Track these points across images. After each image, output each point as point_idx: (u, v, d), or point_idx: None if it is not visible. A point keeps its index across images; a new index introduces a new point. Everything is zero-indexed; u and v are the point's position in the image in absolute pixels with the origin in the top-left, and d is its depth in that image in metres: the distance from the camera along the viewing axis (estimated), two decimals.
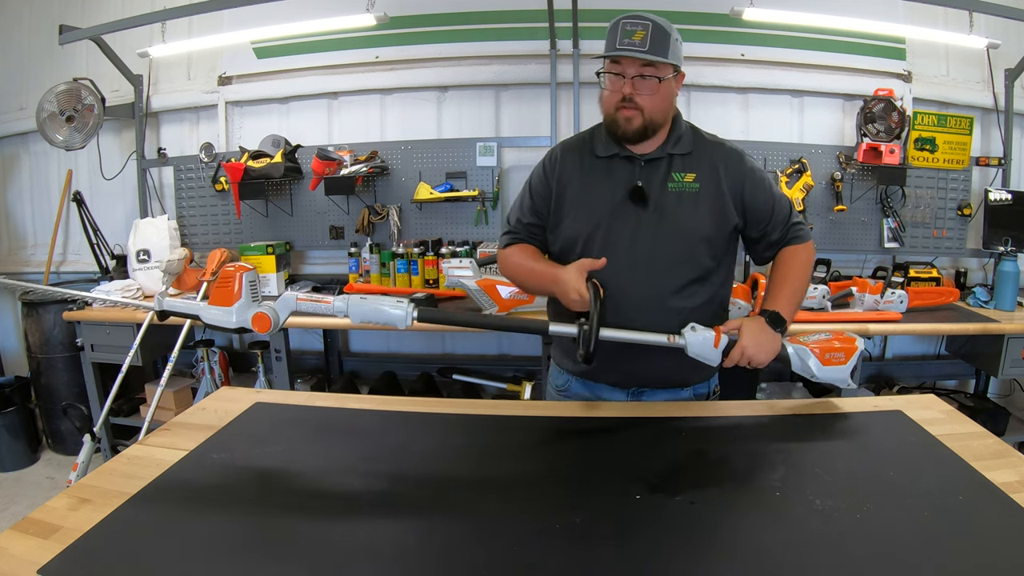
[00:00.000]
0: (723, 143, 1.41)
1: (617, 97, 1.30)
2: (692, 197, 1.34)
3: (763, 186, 1.39)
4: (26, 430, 3.12)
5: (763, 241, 1.43)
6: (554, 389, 1.58)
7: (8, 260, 3.65)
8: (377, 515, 1.01)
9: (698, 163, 1.36)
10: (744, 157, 1.40)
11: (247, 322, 1.20)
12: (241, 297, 1.19)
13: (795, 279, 1.39)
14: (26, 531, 0.94)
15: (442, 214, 3.14)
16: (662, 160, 1.36)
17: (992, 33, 2.69)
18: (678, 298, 1.35)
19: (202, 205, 3.29)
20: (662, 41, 1.25)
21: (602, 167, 1.38)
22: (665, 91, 1.30)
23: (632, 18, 1.26)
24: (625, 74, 1.28)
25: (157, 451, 1.22)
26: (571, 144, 1.45)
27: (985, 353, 2.57)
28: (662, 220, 1.33)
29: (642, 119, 1.30)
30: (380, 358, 3.45)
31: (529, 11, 2.94)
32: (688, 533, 0.95)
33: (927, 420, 1.32)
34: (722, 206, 1.36)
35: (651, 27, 1.24)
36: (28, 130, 3.31)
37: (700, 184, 1.35)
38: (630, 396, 1.47)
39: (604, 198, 1.36)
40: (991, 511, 0.98)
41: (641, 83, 1.28)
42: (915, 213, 2.99)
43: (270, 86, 3.25)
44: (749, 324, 1.28)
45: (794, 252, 1.42)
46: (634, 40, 1.24)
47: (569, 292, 1.25)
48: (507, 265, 1.48)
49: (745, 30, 2.92)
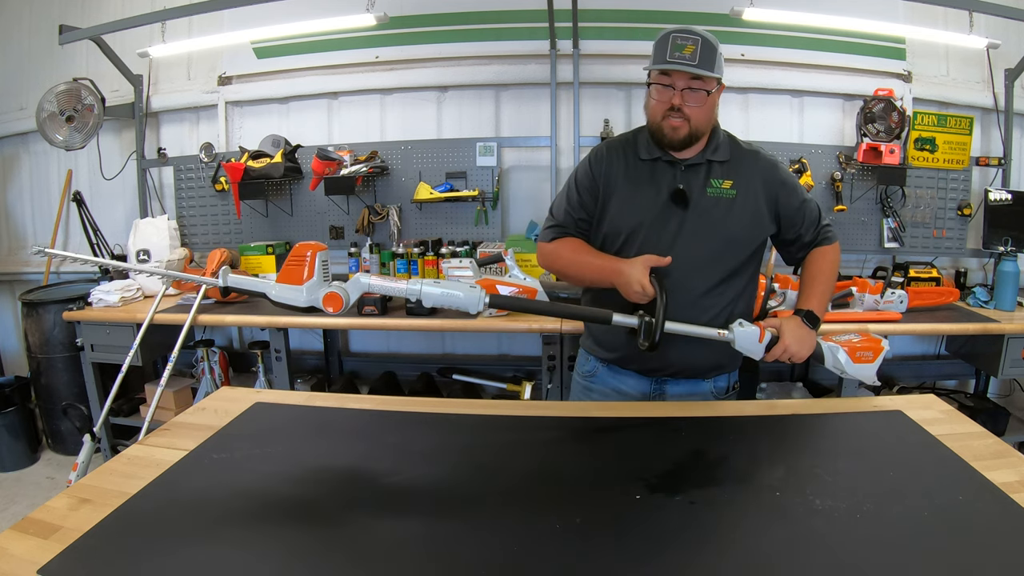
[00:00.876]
0: (759, 152, 1.48)
1: (665, 107, 1.36)
2: (729, 203, 1.42)
3: (796, 193, 1.48)
4: (26, 430, 3.12)
5: (796, 243, 1.52)
6: (580, 376, 1.64)
7: (8, 260, 3.65)
8: (377, 515, 1.01)
9: (735, 171, 1.44)
10: (778, 167, 1.48)
11: (318, 301, 1.20)
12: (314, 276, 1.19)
13: (825, 280, 1.49)
14: (26, 531, 0.94)
15: (442, 214, 3.14)
16: (701, 166, 1.44)
17: (992, 33, 2.69)
18: (709, 296, 1.43)
19: (202, 205, 3.29)
20: (710, 56, 1.32)
21: (645, 169, 1.45)
22: (711, 103, 1.38)
23: (683, 32, 1.32)
24: (675, 86, 1.35)
25: (157, 451, 1.22)
26: (615, 144, 1.52)
27: (985, 353, 2.56)
28: (700, 222, 1.41)
29: (689, 128, 1.37)
30: (380, 358, 3.45)
31: (529, 11, 2.94)
32: (688, 533, 0.95)
33: (927, 420, 1.32)
34: (757, 214, 1.45)
35: (700, 42, 1.31)
36: (28, 130, 3.32)
37: (737, 191, 1.43)
38: (653, 385, 1.52)
39: (648, 198, 1.43)
40: (991, 511, 0.98)
41: (690, 95, 1.35)
42: (915, 213, 2.99)
43: (270, 86, 3.25)
44: (789, 323, 1.38)
45: (823, 253, 1.51)
46: (684, 54, 1.31)
47: (633, 284, 1.33)
48: (556, 257, 1.53)
49: (745, 30, 2.92)
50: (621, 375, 1.55)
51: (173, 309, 2.72)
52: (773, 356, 1.37)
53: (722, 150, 1.44)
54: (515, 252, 2.54)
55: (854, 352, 1.38)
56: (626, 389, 1.55)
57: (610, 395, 1.57)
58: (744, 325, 1.35)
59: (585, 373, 1.62)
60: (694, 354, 1.45)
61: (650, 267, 1.35)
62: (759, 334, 1.34)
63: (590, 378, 1.60)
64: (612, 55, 3.04)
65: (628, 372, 1.53)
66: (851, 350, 1.38)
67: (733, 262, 1.45)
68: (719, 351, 1.41)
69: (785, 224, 1.48)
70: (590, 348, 1.61)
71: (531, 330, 2.44)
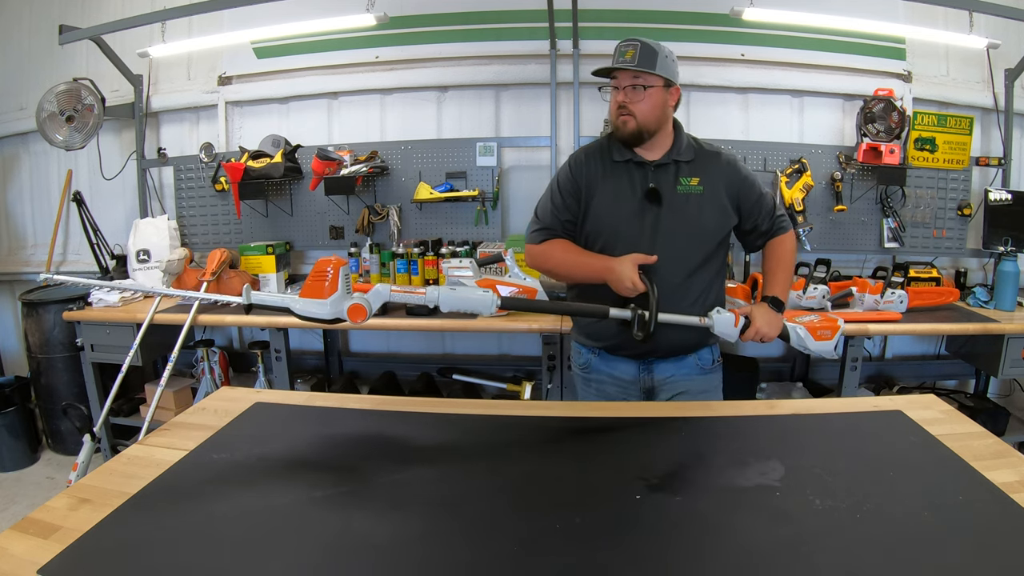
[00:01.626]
0: (720, 152, 1.63)
1: (615, 106, 1.55)
2: (698, 199, 1.57)
3: (753, 188, 1.64)
4: (26, 430, 3.12)
5: (754, 232, 1.68)
6: (578, 368, 1.76)
7: (8, 260, 3.65)
8: (377, 515, 1.01)
9: (701, 169, 1.58)
10: (739, 164, 1.64)
11: (342, 313, 1.24)
12: (337, 290, 1.22)
13: (785, 268, 1.66)
14: (26, 531, 0.94)
15: (442, 214, 3.14)
16: (669, 166, 1.58)
17: (992, 33, 2.69)
18: (687, 284, 1.57)
19: (202, 205, 3.29)
20: (649, 57, 1.49)
21: (619, 170, 1.59)
22: (653, 99, 1.52)
23: (626, 41, 1.51)
24: (620, 86, 1.53)
25: (157, 451, 1.22)
26: (591, 149, 1.66)
27: (985, 353, 2.56)
28: (675, 217, 1.55)
29: (636, 123, 1.53)
30: (380, 358, 3.45)
31: (529, 11, 2.94)
32: (688, 533, 0.95)
33: (927, 420, 1.32)
34: (723, 207, 1.59)
35: (640, 47, 1.49)
36: (28, 130, 3.31)
37: (704, 187, 1.57)
38: (642, 366, 1.65)
39: (625, 197, 1.57)
40: (991, 511, 0.98)
41: (632, 92, 1.52)
42: (915, 213, 2.99)
43: (270, 86, 3.25)
44: (758, 309, 1.55)
45: (780, 242, 1.68)
46: (626, 58, 1.50)
47: (624, 281, 1.46)
48: (548, 257, 1.64)
49: (745, 30, 2.92)
50: (613, 361, 1.67)
51: (173, 309, 2.72)
52: (747, 338, 1.51)
53: (687, 151, 1.59)
54: (515, 252, 2.54)
55: (815, 331, 1.52)
56: (619, 374, 1.67)
57: (606, 381, 1.69)
58: (721, 312, 1.49)
59: (581, 365, 1.74)
60: (676, 336, 1.57)
61: (639, 264, 1.47)
62: (735, 319, 1.48)
63: (586, 369, 1.72)
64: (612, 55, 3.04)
65: (619, 358, 1.66)
66: (812, 329, 1.52)
67: (705, 252, 1.58)
68: (697, 330, 1.54)
69: (745, 215, 1.64)
70: (581, 341, 1.73)
71: (531, 330, 2.44)
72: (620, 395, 1.68)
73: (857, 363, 2.51)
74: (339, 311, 1.24)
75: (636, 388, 1.67)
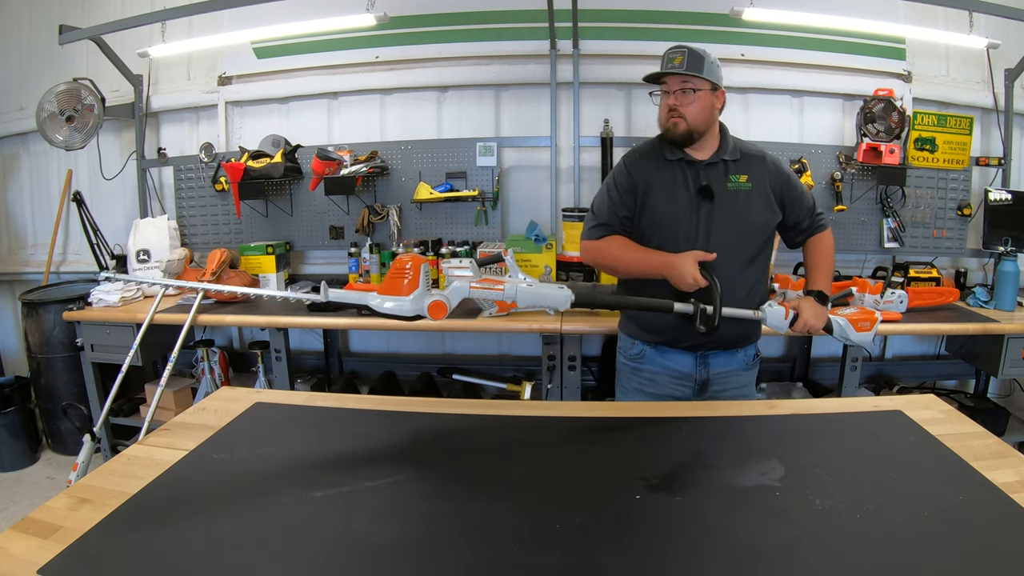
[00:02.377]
0: (764, 153, 1.72)
1: (666, 109, 1.63)
2: (747, 195, 1.65)
3: (796, 186, 1.73)
4: (26, 430, 3.12)
5: (795, 228, 1.76)
6: (628, 359, 1.80)
7: (8, 260, 3.65)
8: (377, 515, 1.01)
9: (747, 168, 1.67)
10: (781, 164, 1.73)
11: (423, 310, 1.24)
12: (419, 286, 1.23)
13: (827, 264, 1.75)
14: (26, 531, 0.94)
15: (442, 214, 3.14)
16: (718, 164, 1.66)
17: (992, 33, 2.69)
18: (739, 279, 1.63)
19: (202, 205, 3.29)
20: (696, 62, 1.59)
21: (673, 168, 1.67)
22: (701, 101, 1.61)
23: (673, 48, 1.61)
24: (670, 90, 1.62)
25: (157, 451, 1.22)
26: (643, 149, 1.74)
27: (985, 353, 2.56)
28: (726, 212, 1.63)
29: (686, 124, 1.61)
30: (380, 358, 3.45)
31: (529, 11, 2.94)
32: (688, 533, 0.95)
33: (927, 420, 1.32)
34: (769, 203, 1.68)
35: (687, 52, 1.59)
36: (28, 130, 3.31)
37: (752, 184, 1.66)
38: (698, 360, 1.70)
39: (680, 195, 1.64)
40: (991, 511, 0.98)
41: (682, 96, 1.61)
42: (915, 213, 2.99)
43: (270, 86, 3.25)
44: (805, 302, 1.61)
45: (820, 239, 1.77)
46: (674, 63, 1.59)
47: (686, 276, 1.52)
48: (606, 253, 1.70)
49: (745, 30, 2.92)
50: (670, 354, 1.72)
51: (173, 309, 2.72)
52: (796, 329, 1.59)
53: (733, 151, 1.67)
54: (515, 252, 2.54)
55: (856, 323, 1.59)
56: (676, 366, 1.72)
57: (660, 373, 1.74)
58: (773, 306, 1.57)
59: (633, 356, 1.78)
60: (730, 330, 1.62)
61: (699, 260, 1.54)
62: (785, 312, 1.56)
63: (639, 360, 1.77)
64: (612, 55, 3.04)
65: (676, 350, 1.71)
66: (853, 321, 1.59)
67: (754, 247, 1.66)
68: (747, 326, 1.66)
69: (788, 212, 1.71)
70: (634, 333, 1.78)
71: (531, 330, 2.43)
72: (673, 387, 1.73)
73: (857, 363, 2.51)
74: (420, 308, 1.24)
75: (691, 381, 1.72)
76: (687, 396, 1.72)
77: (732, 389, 1.74)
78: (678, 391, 1.73)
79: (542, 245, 2.87)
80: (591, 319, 2.44)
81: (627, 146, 3.03)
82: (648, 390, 1.74)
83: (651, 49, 3.02)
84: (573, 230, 2.92)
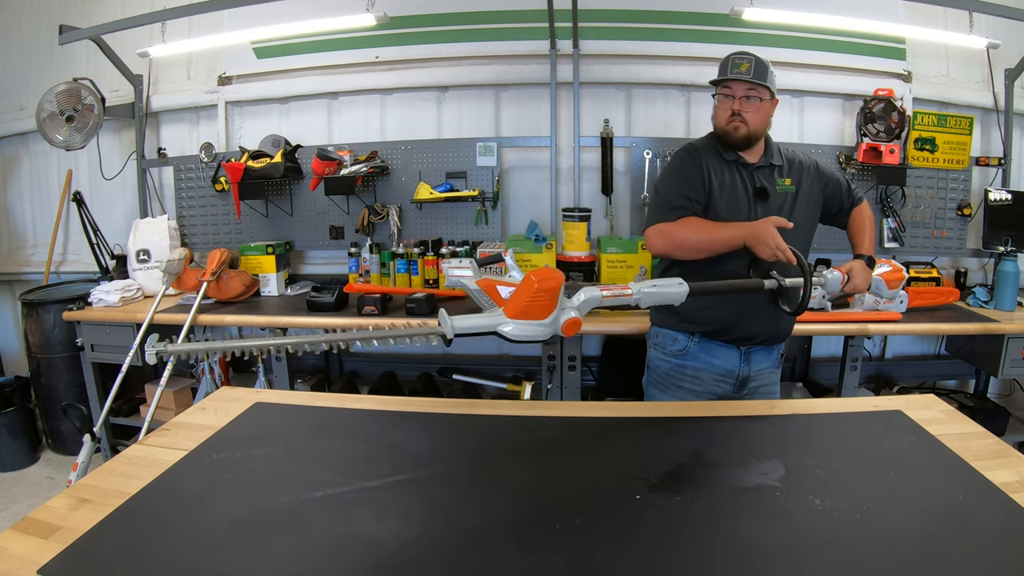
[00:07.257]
0: (802, 157, 1.81)
1: (728, 113, 1.69)
2: (792, 197, 1.74)
3: (832, 179, 1.82)
4: (26, 430, 3.12)
5: (839, 213, 1.85)
6: (669, 355, 1.80)
7: (8, 260, 3.65)
8: (377, 515, 1.01)
9: (791, 172, 1.76)
10: (819, 164, 1.82)
11: (559, 330, 1.17)
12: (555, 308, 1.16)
13: (869, 231, 1.82)
14: (26, 531, 0.94)
15: (442, 214, 3.14)
16: (766, 168, 1.74)
17: (992, 33, 2.69)
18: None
19: (202, 205, 3.29)
20: (762, 71, 1.66)
21: (731, 168, 1.73)
22: (764, 109, 1.69)
23: (740, 54, 1.67)
24: (735, 95, 1.68)
25: (157, 451, 1.22)
26: (703, 145, 1.78)
27: (985, 353, 2.56)
28: (779, 213, 1.66)
29: (747, 129, 1.68)
30: (380, 358, 3.45)
31: (529, 11, 2.94)
32: (688, 533, 0.95)
33: (927, 420, 1.32)
34: (813, 203, 1.78)
35: (754, 60, 1.65)
36: (28, 130, 3.31)
37: (797, 187, 1.74)
38: (742, 356, 1.74)
39: (738, 193, 1.70)
40: (991, 511, 0.98)
41: (746, 102, 1.67)
42: (915, 213, 2.99)
43: (270, 86, 3.25)
44: (855, 266, 1.67)
45: (859, 211, 1.86)
46: (741, 70, 1.65)
47: (768, 241, 1.51)
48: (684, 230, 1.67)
49: (745, 30, 2.91)
50: (713, 348, 1.74)
51: (173, 309, 2.72)
52: (847, 290, 1.65)
53: (777, 156, 1.76)
54: (515, 252, 2.53)
55: (889, 282, 1.71)
56: (719, 362, 1.74)
57: (702, 369, 1.75)
58: (831, 271, 1.61)
59: (676, 352, 1.79)
60: (774, 323, 1.72)
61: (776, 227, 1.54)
62: (842, 278, 1.61)
63: (682, 356, 1.78)
64: (612, 55, 3.03)
65: (721, 344, 1.73)
66: (887, 280, 1.71)
67: (800, 244, 1.65)
68: (786, 320, 1.72)
69: (830, 202, 1.82)
70: (676, 326, 1.78)
71: None
72: (715, 384, 1.75)
73: (857, 363, 2.51)
74: (556, 328, 1.17)
75: (732, 378, 1.75)
76: (727, 394, 1.76)
77: (765, 387, 1.79)
78: (719, 388, 1.75)
79: (542, 245, 2.87)
80: (591, 319, 2.43)
81: (627, 146, 3.05)
82: (692, 388, 1.76)
83: (651, 49, 3.04)
84: (573, 230, 2.92)
